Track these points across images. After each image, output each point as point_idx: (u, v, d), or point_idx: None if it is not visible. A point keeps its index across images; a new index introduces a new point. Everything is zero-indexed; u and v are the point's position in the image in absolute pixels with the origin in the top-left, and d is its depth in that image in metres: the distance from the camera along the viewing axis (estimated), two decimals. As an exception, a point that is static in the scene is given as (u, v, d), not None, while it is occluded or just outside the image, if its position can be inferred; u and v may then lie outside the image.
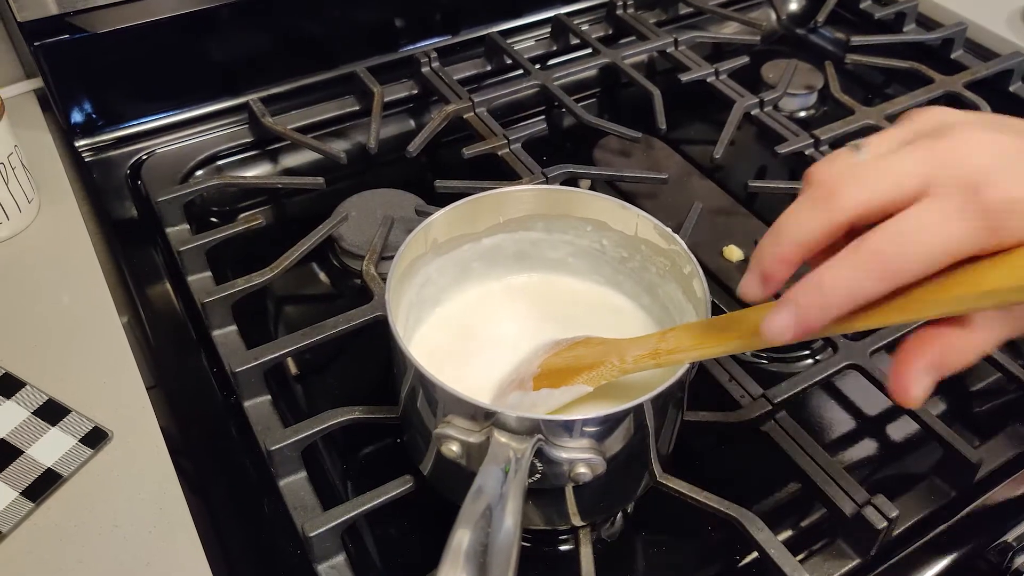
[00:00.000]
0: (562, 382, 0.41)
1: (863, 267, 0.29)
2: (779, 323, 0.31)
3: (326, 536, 0.43)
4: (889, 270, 0.29)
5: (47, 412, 0.48)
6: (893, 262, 0.29)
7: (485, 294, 0.49)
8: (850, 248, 0.29)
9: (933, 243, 0.28)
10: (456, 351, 0.46)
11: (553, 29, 0.84)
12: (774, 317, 0.31)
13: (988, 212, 0.28)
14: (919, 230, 0.28)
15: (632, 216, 0.46)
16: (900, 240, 0.29)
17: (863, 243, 0.29)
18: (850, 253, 0.29)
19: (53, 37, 0.65)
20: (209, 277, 0.59)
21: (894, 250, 0.28)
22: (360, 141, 0.73)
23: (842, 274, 0.29)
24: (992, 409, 0.55)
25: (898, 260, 0.28)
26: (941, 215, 0.28)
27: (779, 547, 0.42)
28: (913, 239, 0.28)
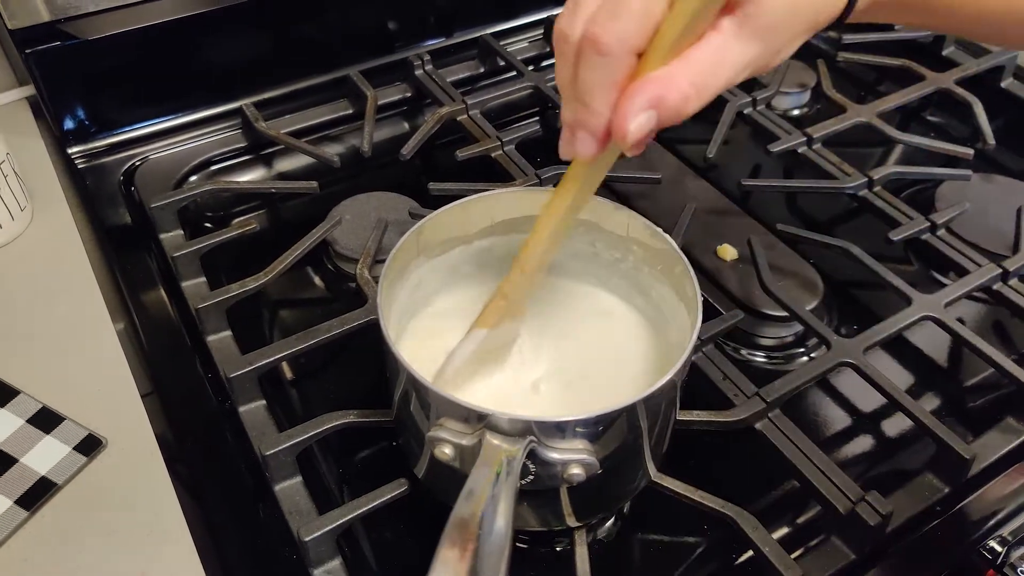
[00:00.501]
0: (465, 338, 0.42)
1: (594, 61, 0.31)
2: (577, 145, 0.34)
3: (322, 540, 0.43)
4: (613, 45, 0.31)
5: (41, 420, 0.48)
6: (614, 35, 0.31)
7: (478, 296, 0.49)
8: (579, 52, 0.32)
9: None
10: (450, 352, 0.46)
11: (546, 30, 0.84)
12: (575, 144, 0.34)
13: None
14: None
15: (624, 216, 0.46)
16: (613, 13, 0.31)
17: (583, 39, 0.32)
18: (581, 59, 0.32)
19: (45, 44, 0.65)
20: (203, 282, 0.59)
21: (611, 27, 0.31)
22: (354, 144, 0.73)
23: (585, 76, 0.32)
24: (985, 404, 0.55)
25: (616, 29, 0.31)
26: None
27: (774, 545, 0.42)
28: (620, 5, 0.30)
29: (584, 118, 0.33)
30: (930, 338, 0.58)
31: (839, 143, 0.71)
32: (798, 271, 0.61)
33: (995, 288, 0.58)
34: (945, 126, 0.80)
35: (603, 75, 0.32)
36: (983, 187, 0.69)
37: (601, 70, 0.32)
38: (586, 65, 0.32)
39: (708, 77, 0.32)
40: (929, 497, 0.48)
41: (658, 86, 0.31)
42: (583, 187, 0.38)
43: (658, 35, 0.31)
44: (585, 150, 0.34)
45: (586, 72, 0.32)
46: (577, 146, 0.34)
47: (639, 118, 0.31)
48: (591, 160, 0.35)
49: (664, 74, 0.31)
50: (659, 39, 0.31)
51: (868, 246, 0.60)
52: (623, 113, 0.31)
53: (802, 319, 0.55)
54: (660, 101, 0.31)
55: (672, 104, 0.31)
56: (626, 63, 0.31)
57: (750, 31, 0.32)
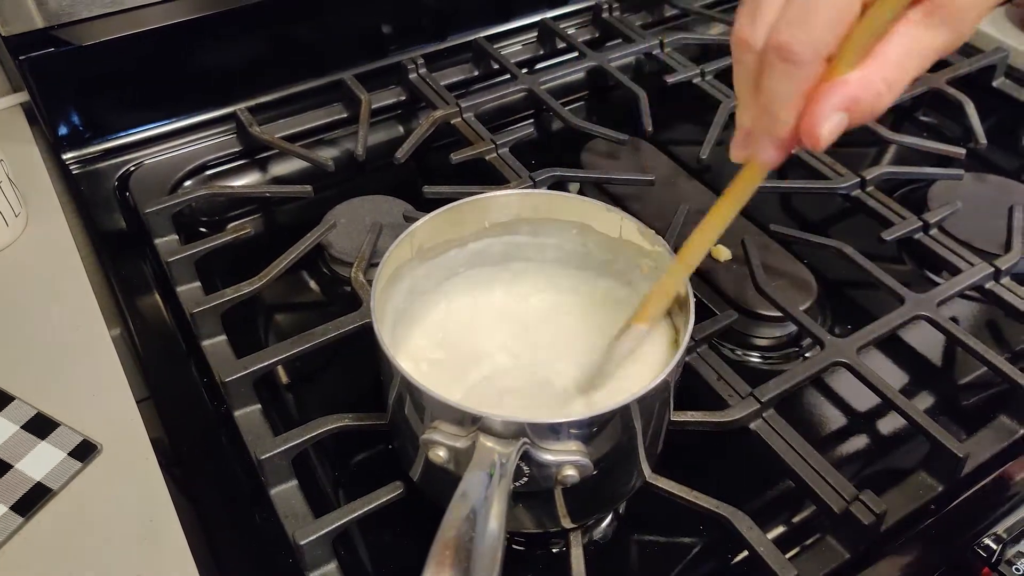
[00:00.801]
0: (623, 332, 0.42)
1: (783, 71, 0.31)
2: (759, 152, 0.34)
3: (317, 544, 0.43)
4: (804, 53, 0.30)
5: (36, 426, 0.48)
6: (804, 44, 0.30)
7: (471, 299, 0.50)
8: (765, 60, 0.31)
9: (828, 2, 0.29)
10: (443, 356, 0.46)
11: (539, 33, 0.84)
12: (757, 150, 0.34)
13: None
14: (808, 3, 0.29)
15: (616, 218, 0.47)
16: (803, 19, 0.30)
17: (768, 47, 0.31)
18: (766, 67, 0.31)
19: (38, 50, 0.65)
20: (198, 287, 0.59)
21: (800, 35, 0.30)
22: (348, 148, 0.74)
23: (773, 86, 0.31)
24: (978, 403, 0.55)
25: (807, 38, 0.30)
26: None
27: (768, 545, 0.43)
28: (811, 11, 0.29)
29: (769, 126, 0.33)
30: (923, 337, 0.58)
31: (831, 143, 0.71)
32: (792, 271, 0.61)
33: (988, 287, 0.59)
34: (937, 126, 0.80)
35: (793, 85, 0.31)
36: (975, 186, 0.69)
37: (790, 80, 0.31)
38: (773, 74, 0.31)
39: (901, 72, 0.31)
40: (923, 496, 0.48)
41: (853, 88, 0.30)
42: (749, 189, 0.38)
43: (851, 39, 0.30)
44: (768, 158, 0.34)
45: (773, 81, 0.31)
46: (760, 154, 0.34)
47: (832, 120, 0.31)
48: (771, 166, 0.35)
49: (858, 76, 0.30)
50: (851, 42, 0.30)
51: (861, 246, 0.61)
52: (816, 117, 0.31)
53: (796, 319, 0.55)
54: (854, 103, 0.31)
55: (866, 105, 0.31)
56: (817, 71, 0.31)
57: (940, 19, 0.31)
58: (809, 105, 0.31)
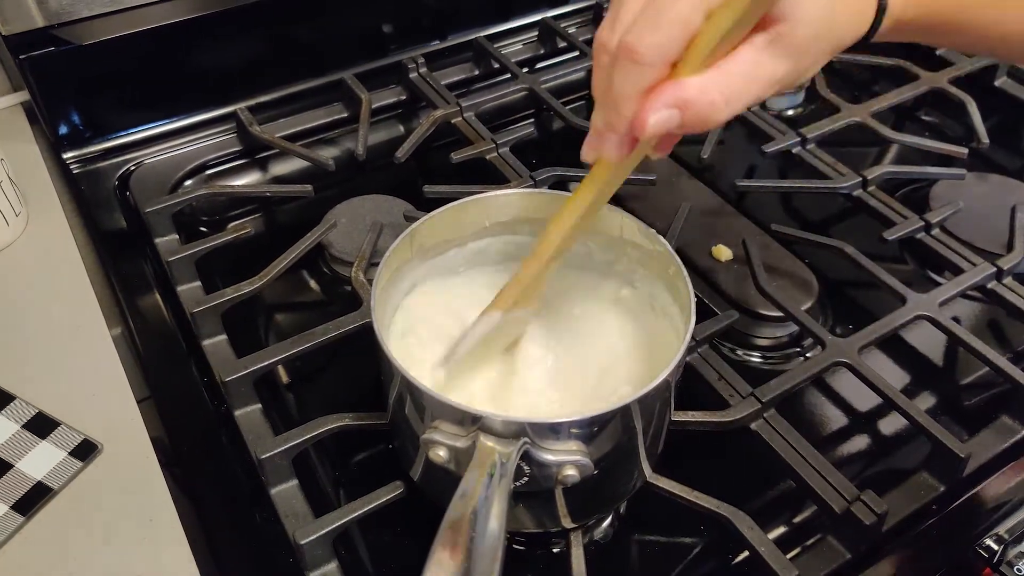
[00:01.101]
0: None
1: (628, 69, 0.32)
2: (604, 147, 0.35)
3: (318, 543, 0.43)
4: (648, 54, 0.31)
5: (36, 425, 0.48)
6: (650, 46, 0.31)
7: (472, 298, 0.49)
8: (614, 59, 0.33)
9: (674, 10, 0.31)
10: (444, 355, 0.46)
11: (540, 32, 0.84)
12: (604, 149, 0.36)
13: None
14: (660, 7, 0.31)
15: (617, 218, 0.47)
16: (650, 23, 0.31)
17: (619, 48, 0.32)
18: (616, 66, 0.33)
19: (39, 50, 0.65)
20: (199, 287, 0.59)
21: (647, 39, 0.31)
22: (349, 148, 0.74)
23: (618, 83, 0.33)
24: (980, 403, 0.55)
25: (651, 40, 0.31)
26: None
27: (769, 545, 0.42)
28: (658, 16, 0.31)
29: (613, 121, 0.34)
30: (925, 337, 0.58)
31: (833, 143, 0.71)
32: (793, 271, 0.61)
33: (989, 287, 0.59)
34: (939, 125, 0.80)
35: (636, 82, 0.32)
36: (977, 186, 0.69)
37: (634, 77, 0.32)
38: (620, 72, 0.32)
39: (738, 89, 0.32)
40: (925, 496, 0.48)
41: (689, 90, 0.32)
42: (604, 187, 0.39)
43: (692, 46, 0.31)
44: (611, 152, 0.35)
45: (620, 79, 0.33)
46: (604, 148, 0.35)
47: (660, 113, 0.32)
48: (616, 162, 0.36)
49: (696, 81, 0.32)
50: (693, 50, 0.31)
51: (863, 246, 0.60)
52: (646, 106, 0.32)
53: (797, 319, 0.55)
54: (686, 104, 0.32)
55: (699, 110, 0.32)
56: (659, 72, 0.32)
57: (782, 49, 0.33)
58: (646, 97, 0.32)
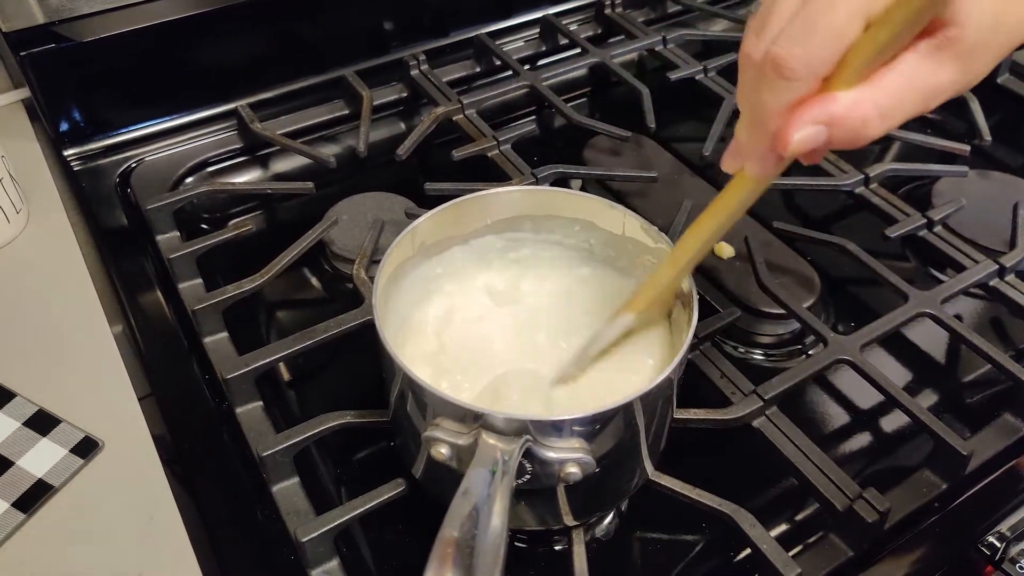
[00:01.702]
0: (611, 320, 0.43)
1: (775, 84, 0.30)
2: (749, 164, 0.34)
3: (319, 541, 0.43)
4: (798, 69, 0.29)
5: (37, 423, 0.48)
6: (800, 59, 0.29)
7: (474, 296, 0.49)
8: (760, 71, 0.31)
9: (828, 21, 0.29)
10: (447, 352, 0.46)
11: (542, 29, 0.84)
12: (747, 163, 0.35)
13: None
14: (812, 17, 0.29)
15: (619, 215, 0.46)
16: (802, 35, 0.29)
17: (765, 60, 0.30)
18: (761, 79, 0.31)
19: (39, 46, 0.65)
20: (200, 284, 0.59)
21: (797, 51, 0.29)
22: (350, 145, 0.73)
23: (764, 98, 0.31)
24: (982, 400, 0.55)
25: (802, 54, 0.29)
26: None
27: (771, 543, 0.42)
28: (810, 27, 0.29)
29: (756, 137, 0.32)
30: (927, 335, 0.58)
31: (835, 140, 0.71)
32: (795, 268, 0.61)
33: (992, 284, 0.58)
34: (941, 122, 0.79)
35: (783, 98, 0.30)
36: (980, 183, 0.69)
37: (781, 93, 0.30)
38: (767, 87, 0.30)
39: (896, 101, 0.30)
40: (927, 493, 0.48)
41: (839, 105, 0.30)
42: (745, 198, 0.37)
43: (847, 59, 0.29)
44: (753, 168, 0.34)
45: (767, 94, 0.31)
46: (748, 165, 0.34)
47: (806, 131, 0.30)
48: (759, 178, 0.35)
49: (849, 95, 0.30)
50: (848, 63, 0.29)
51: (865, 243, 0.60)
52: (792, 122, 0.30)
53: (799, 316, 0.55)
54: (836, 120, 0.30)
55: (850, 126, 0.30)
56: (809, 87, 0.30)
57: (950, 55, 0.30)
58: (793, 110, 0.30)
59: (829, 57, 0.29)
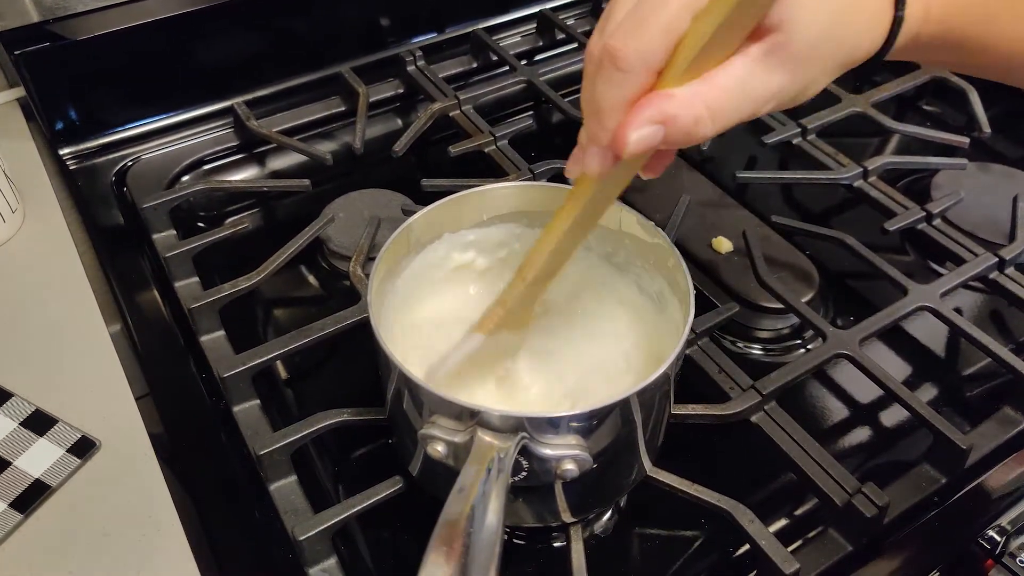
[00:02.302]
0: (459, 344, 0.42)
1: (610, 76, 0.30)
2: (587, 161, 0.33)
3: (317, 539, 0.43)
4: (631, 60, 0.30)
5: (34, 423, 0.47)
6: (634, 50, 0.30)
7: (471, 293, 0.49)
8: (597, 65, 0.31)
9: (658, 14, 0.29)
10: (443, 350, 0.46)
11: (539, 24, 0.84)
12: (586, 161, 0.33)
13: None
14: (644, 11, 0.29)
15: (615, 210, 0.46)
16: (634, 27, 0.30)
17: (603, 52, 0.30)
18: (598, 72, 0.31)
19: (34, 45, 0.64)
20: (196, 282, 0.59)
21: (630, 42, 0.30)
22: (346, 142, 0.73)
23: (600, 91, 0.31)
24: (982, 394, 0.55)
25: (636, 45, 0.29)
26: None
27: (770, 538, 0.42)
28: (642, 20, 0.29)
29: (595, 132, 0.32)
30: (926, 328, 0.58)
31: (834, 133, 0.70)
32: (794, 263, 0.61)
33: (991, 277, 0.58)
34: (940, 115, 0.79)
35: (618, 90, 0.30)
36: (979, 176, 0.69)
37: (617, 85, 0.30)
38: (603, 79, 0.31)
39: (727, 102, 0.30)
40: (926, 488, 0.48)
41: (671, 103, 0.30)
42: (591, 204, 0.36)
43: (677, 52, 0.30)
44: (593, 165, 0.33)
45: (602, 86, 0.31)
46: (586, 160, 0.33)
47: (643, 130, 0.30)
48: (599, 177, 0.34)
49: (679, 92, 0.30)
50: (678, 56, 0.30)
51: (864, 237, 0.60)
52: (627, 121, 0.30)
53: (798, 311, 0.55)
54: (670, 119, 0.30)
55: (683, 124, 0.30)
56: (643, 79, 0.30)
57: (778, 60, 0.30)
58: (628, 111, 0.31)
59: (660, 48, 0.30)
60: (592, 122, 0.32)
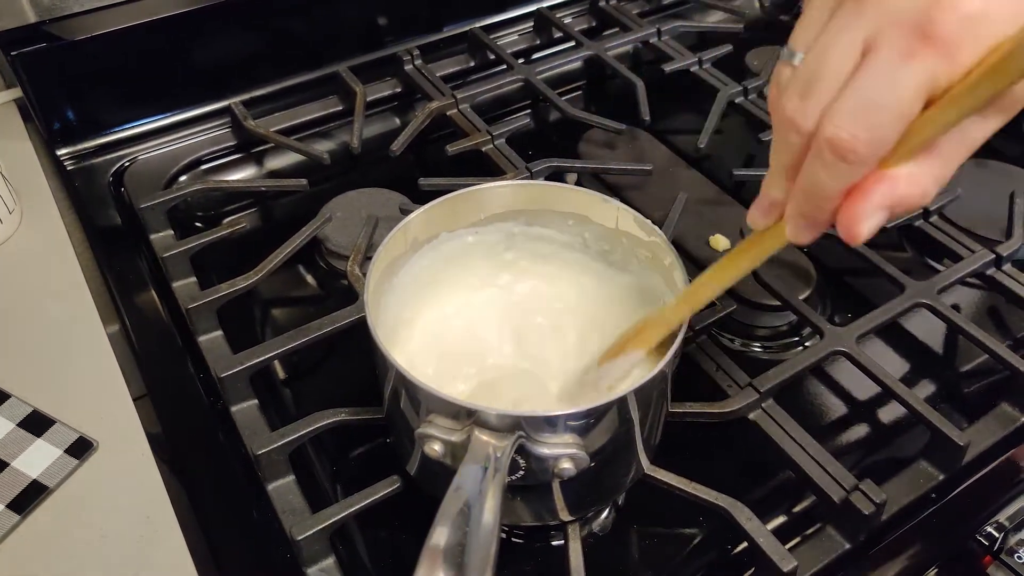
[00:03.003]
0: (619, 353, 0.42)
1: (835, 167, 0.29)
2: (792, 232, 0.33)
3: (315, 539, 0.43)
4: (862, 153, 0.28)
5: (32, 423, 0.47)
6: (865, 144, 0.28)
7: (468, 292, 0.49)
8: (815, 148, 0.29)
9: (892, 100, 0.27)
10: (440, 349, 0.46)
11: (536, 23, 0.84)
12: (789, 229, 0.33)
13: (938, 43, 0.26)
14: (874, 95, 0.27)
15: (612, 209, 0.46)
16: (863, 115, 0.27)
17: (821, 137, 0.28)
18: (815, 156, 0.29)
19: (31, 46, 0.64)
20: (194, 282, 0.59)
21: (859, 133, 0.27)
22: (344, 141, 0.73)
23: (821, 179, 0.29)
24: (980, 390, 0.55)
25: (868, 138, 0.28)
26: (889, 67, 0.27)
27: (767, 535, 0.42)
28: (872, 107, 0.27)
29: (807, 212, 0.31)
30: (924, 325, 0.58)
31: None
32: (791, 260, 0.61)
33: (988, 274, 0.58)
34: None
35: (843, 181, 0.29)
36: (976, 172, 0.69)
37: (843, 177, 0.29)
38: (823, 167, 0.29)
39: (951, 167, 0.29)
40: (924, 485, 0.48)
41: (901, 186, 0.28)
42: (766, 250, 0.36)
43: (909, 136, 0.28)
44: (804, 239, 0.33)
45: (823, 175, 0.29)
46: (796, 234, 0.33)
47: (874, 219, 0.29)
48: (799, 242, 0.33)
49: (908, 172, 0.28)
50: (909, 141, 0.28)
51: (861, 234, 0.60)
52: (858, 214, 0.29)
53: (795, 308, 0.55)
54: (898, 202, 0.29)
55: (912, 203, 0.29)
56: (870, 170, 0.29)
57: (998, 108, 0.28)
58: (853, 198, 0.29)
59: (893, 139, 0.28)
60: (804, 201, 0.31)
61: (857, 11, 0.28)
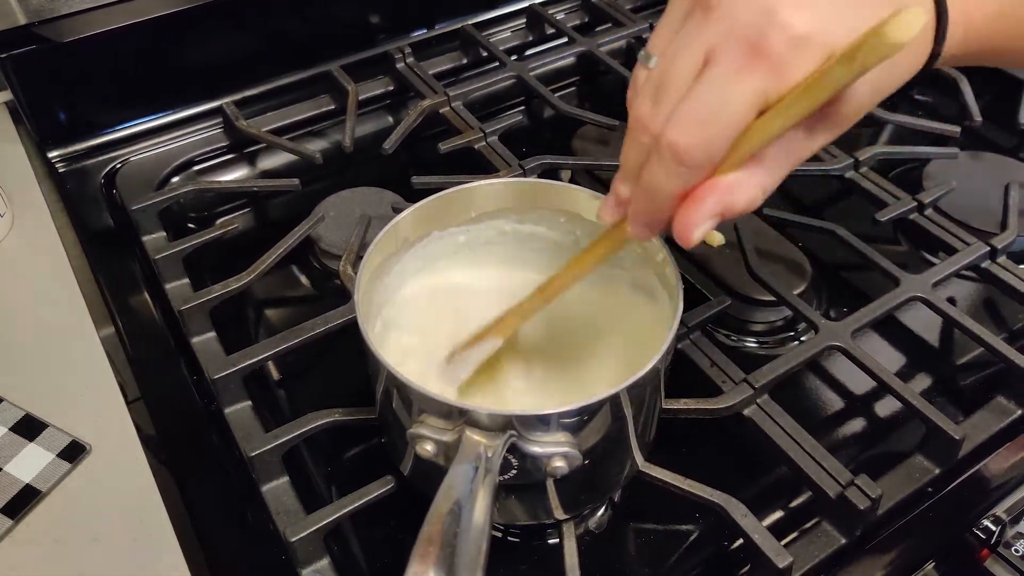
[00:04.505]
0: (476, 342, 0.43)
1: (673, 170, 0.30)
2: (633, 229, 0.35)
3: (309, 540, 0.43)
4: (698, 159, 0.30)
5: (24, 428, 0.47)
6: (700, 150, 0.29)
7: (459, 290, 0.49)
8: (657, 150, 0.31)
9: (725, 111, 0.29)
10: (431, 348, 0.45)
11: (528, 19, 0.83)
12: (630, 226, 0.35)
13: (770, 59, 0.28)
14: (709, 105, 0.29)
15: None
16: (699, 123, 0.29)
17: (662, 141, 0.30)
18: (657, 158, 0.31)
19: (21, 48, 0.64)
20: (187, 284, 0.58)
21: (696, 140, 0.29)
22: (337, 140, 0.73)
23: (660, 180, 0.31)
24: (975, 384, 0.55)
25: (703, 145, 0.29)
26: (724, 80, 0.29)
27: (763, 532, 0.42)
28: (707, 116, 0.29)
29: (647, 210, 0.33)
30: (919, 319, 0.58)
31: (825, 124, 0.70)
32: (786, 255, 0.61)
33: (984, 266, 0.58)
34: (932, 104, 0.79)
35: (679, 182, 0.31)
36: (971, 165, 0.69)
37: (678, 178, 0.31)
38: (662, 168, 0.31)
39: (777, 176, 0.31)
40: (920, 479, 0.48)
41: (731, 194, 0.30)
42: (615, 245, 0.38)
43: (739, 145, 0.30)
44: (642, 236, 0.35)
45: (661, 175, 0.31)
46: (635, 230, 0.35)
47: (705, 225, 0.31)
48: (640, 240, 0.36)
49: (735, 180, 0.30)
50: (740, 150, 0.30)
51: (856, 228, 0.60)
52: (691, 219, 0.31)
53: (790, 303, 0.55)
54: (729, 208, 0.31)
55: (740, 209, 0.31)
56: (705, 174, 0.30)
57: (829, 123, 0.31)
58: (687, 206, 0.31)
59: (726, 146, 0.30)
60: (643, 200, 0.33)
61: (703, 21, 0.30)
